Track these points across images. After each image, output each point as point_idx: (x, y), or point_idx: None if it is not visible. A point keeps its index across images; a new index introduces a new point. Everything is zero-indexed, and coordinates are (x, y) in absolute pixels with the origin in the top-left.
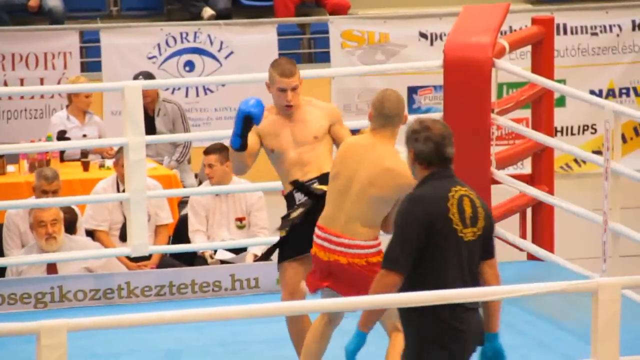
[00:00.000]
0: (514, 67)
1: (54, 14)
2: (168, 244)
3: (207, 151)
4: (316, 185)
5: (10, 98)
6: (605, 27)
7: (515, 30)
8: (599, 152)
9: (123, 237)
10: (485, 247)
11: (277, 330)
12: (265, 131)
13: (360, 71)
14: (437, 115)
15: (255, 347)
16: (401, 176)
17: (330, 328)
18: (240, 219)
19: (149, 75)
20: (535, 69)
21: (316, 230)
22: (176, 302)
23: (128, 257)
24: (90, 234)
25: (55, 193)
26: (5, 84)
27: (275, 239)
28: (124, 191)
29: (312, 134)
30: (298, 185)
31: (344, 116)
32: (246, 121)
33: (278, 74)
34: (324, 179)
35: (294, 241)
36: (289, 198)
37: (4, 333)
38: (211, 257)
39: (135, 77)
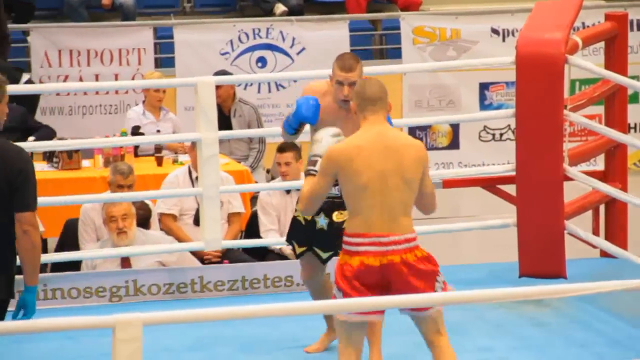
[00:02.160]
0: (587, 63)
1: (125, 9)
2: (240, 236)
3: (282, 149)
4: None
5: (85, 94)
6: None
7: (588, 27)
8: None
9: (197, 222)
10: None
11: None
12: (322, 115)
13: (431, 67)
14: (510, 112)
15: None
16: (418, 148)
17: None
18: None
19: (224, 75)
20: (608, 65)
21: (353, 240)
22: (248, 297)
23: None
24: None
25: (130, 188)
26: (81, 80)
27: None
28: (197, 178)
29: None
30: None
31: (415, 112)
32: (302, 123)
33: (339, 67)
34: None
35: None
36: None
37: (81, 326)
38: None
39: None
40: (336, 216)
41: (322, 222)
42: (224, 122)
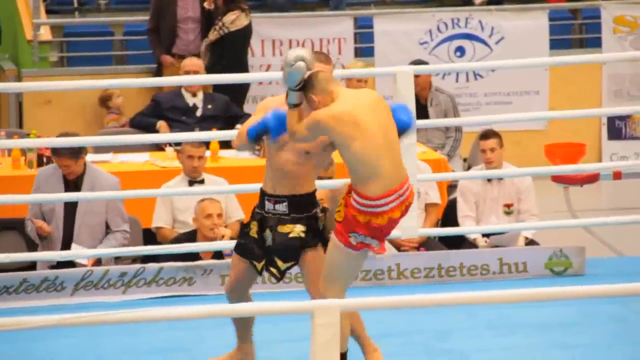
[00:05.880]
0: None
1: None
2: (437, 226)
3: (486, 135)
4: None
5: None
6: None
7: None
8: None
9: None
10: None
11: (546, 314)
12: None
13: (632, 57)
14: None
15: (523, 330)
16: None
17: None
18: (508, 205)
19: (421, 64)
20: None
21: (378, 202)
22: (444, 285)
23: None
24: None
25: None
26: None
27: (543, 224)
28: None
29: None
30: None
31: (614, 101)
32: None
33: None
34: (293, 201)
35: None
36: (262, 197)
37: (280, 311)
38: (485, 242)
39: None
40: (281, 228)
41: (269, 239)
42: (421, 111)
